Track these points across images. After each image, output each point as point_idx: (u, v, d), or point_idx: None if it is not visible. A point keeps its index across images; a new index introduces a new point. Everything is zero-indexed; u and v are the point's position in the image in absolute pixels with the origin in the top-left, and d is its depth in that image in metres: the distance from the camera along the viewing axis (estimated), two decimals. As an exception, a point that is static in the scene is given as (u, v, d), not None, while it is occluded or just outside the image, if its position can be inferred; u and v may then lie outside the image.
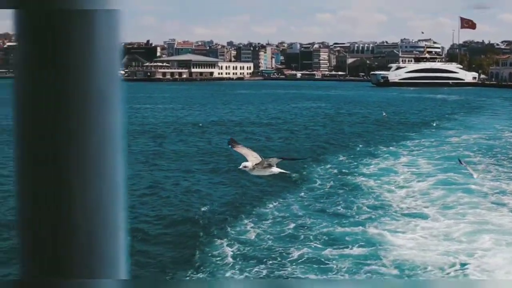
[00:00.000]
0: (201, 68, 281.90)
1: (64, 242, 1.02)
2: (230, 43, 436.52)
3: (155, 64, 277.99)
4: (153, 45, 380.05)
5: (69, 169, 1.01)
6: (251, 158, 12.13)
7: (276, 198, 27.51)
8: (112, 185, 1.06)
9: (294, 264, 19.10)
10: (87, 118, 1.00)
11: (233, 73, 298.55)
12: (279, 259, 19.48)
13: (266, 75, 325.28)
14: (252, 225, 23.20)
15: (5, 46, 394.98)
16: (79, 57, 0.98)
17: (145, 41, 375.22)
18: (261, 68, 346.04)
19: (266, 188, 29.30)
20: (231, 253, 19.89)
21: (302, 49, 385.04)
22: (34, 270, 1.04)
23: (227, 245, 20.59)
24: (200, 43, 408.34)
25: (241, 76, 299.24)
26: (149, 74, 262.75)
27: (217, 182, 31.51)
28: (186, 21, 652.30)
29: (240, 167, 12.01)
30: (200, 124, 60.91)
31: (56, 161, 1.00)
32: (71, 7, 0.95)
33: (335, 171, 34.95)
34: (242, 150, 12.64)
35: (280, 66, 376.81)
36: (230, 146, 13.56)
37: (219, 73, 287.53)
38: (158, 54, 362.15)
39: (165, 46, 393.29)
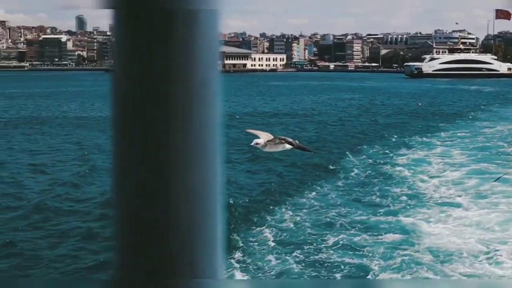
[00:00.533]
0: (234, 60, 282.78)
1: (164, 238, 0.97)
2: (263, 35, 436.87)
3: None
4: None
5: (170, 162, 0.95)
6: (264, 136, 12.02)
7: (313, 187, 28.14)
8: (212, 177, 1.02)
9: (329, 249, 19.72)
10: (188, 113, 0.96)
11: (266, 65, 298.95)
12: (315, 244, 20.13)
13: (299, 66, 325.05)
14: (290, 213, 23.88)
15: (40, 39, 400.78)
16: (180, 56, 0.95)
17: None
18: (294, 60, 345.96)
19: (303, 177, 29.98)
20: (271, 238, 20.61)
21: (335, 40, 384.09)
22: (133, 268, 1.00)
23: (266, 232, 21.30)
24: (233, 35, 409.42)
25: (274, 67, 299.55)
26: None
27: (255, 171, 32.23)
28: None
29: (252, 143, 11.85)
30: (237, 116, 61.59)
31: (156, 154, 0.96)
32: (173, 6, 0.92)
33: (370, 161, 35.49)
34: (255, 132, 12.50)
35: (313, 58, 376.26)
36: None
37: (252, 65, 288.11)
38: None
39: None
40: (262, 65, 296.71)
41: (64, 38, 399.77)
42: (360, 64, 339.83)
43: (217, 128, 1.02)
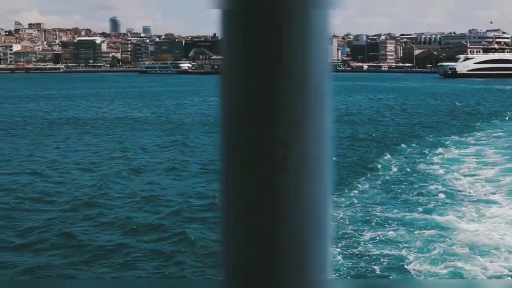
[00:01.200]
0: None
1: (272, 248, 0.93)
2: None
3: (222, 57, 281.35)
4: (219, 38, 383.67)
5: (280, 170, 0.91)
6: None
7: (352, 185, 28.80)
8: (324, 190, 0.97)
9: (366, 243, 20.40)
10: (301, 118, 0.90)
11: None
12: (354, 238, 20.83)
13: (333, 67, 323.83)
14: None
15: (75, 41, 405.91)
16: (293, 56, 0.89)
17: (212, 34, 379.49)
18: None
19: (341, 175, 30.67)
20: None
21: (368, 40, 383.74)
22: (238, 277, 0.96)
23: None
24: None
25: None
26: (216, 67, 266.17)
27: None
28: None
29: None
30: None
31: (267, 160, 0.92)
32: (286, 8, 0.87)
33: (407, 160, 36.05)
34: None
35: (346, 58, 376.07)
36: None
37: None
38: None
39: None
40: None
41: (98, 40, 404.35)
42: (393, 64, 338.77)
43: (329, 140, 0.84)
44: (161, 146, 41.65)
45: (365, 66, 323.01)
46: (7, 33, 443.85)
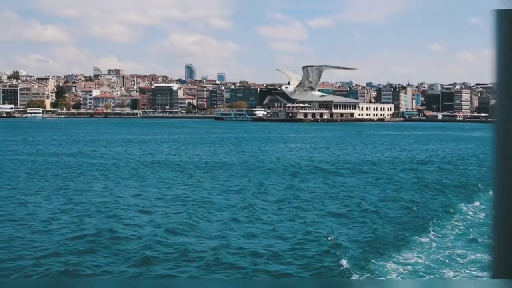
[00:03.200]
0: (342, 109, 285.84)
1: None
2: (370, 84, 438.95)
3: (296, 105, 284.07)
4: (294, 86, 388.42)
5: None
6: (294, 82, 11.68)
7: (431, 227, 30.47)
8: None
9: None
10: None
11: (374, 114, 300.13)
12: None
13: (407, 116, 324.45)
14: (409, 253, 26.09)
15: (152, 87, 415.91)
16: None
17: (286, 83, 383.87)
18: (401, 109, 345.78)
19: (420, 218, 32.47)
20: (395, 272, 23.05)
21: (443, 90, 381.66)
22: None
23: (392, 268, 23.73)
24: (339, 84, 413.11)
25: (382, 117, 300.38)
26: (290, 114, 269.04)
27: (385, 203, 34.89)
28: (325, 62, 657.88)
29: (282, 87, 11.68)
30: (353, 165, 64.15)
31: None
32: None
33: (484, 206, 37.31)
34: (288, 73, 11.62)
35: (420, 107, 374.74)
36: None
37: (359, 114, 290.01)
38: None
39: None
40: (369, 114, 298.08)
41: (175, 86, 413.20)
42: (469, 114, 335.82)
43: None
44: (277, 188, 44.02)
45: (440, 116, 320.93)
46: (87, 78, 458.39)
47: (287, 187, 44.92)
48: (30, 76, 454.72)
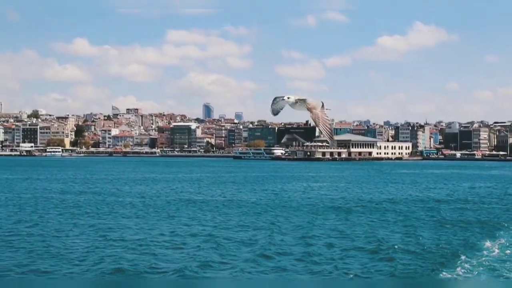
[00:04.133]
0: (360, 148, 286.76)
1: None
2: (387, 123, 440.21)
3: (315, 144, 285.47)
4: (311, 125, 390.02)
5: None
6: (294, 95, 11.98)
7: (455, 264, 31.12)
8: None
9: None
10: None
11: (392, 153, 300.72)
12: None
13: (425, 155, 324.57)
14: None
15: (171, 126, 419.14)
16: None
17: (304, 121, 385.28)
18: (419, 148, 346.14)
19: (446, 250, 33.18)
20: None
21: (461, 128, 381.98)
22: None
23: None
24: (357, 123, 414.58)
25: (400, 156, 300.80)
26: (309, 153, 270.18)
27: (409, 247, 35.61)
28: (342, 101, 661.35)
29: (284, 98, 11.94)
30: (375, 203, 64.83)
31: None
32: None
33: (508, 244, 37.87)
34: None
35: (438, 146, 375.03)
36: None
37: (377, 153, 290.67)
38: (317, 134, 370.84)
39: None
40: (387, 153, 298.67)
41: (193, 125, 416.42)
42: (487, 152, 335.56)
43: None
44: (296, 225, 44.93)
45: (458, 154, 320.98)
46: (106, 117, 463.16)
47: (312, 224, 45.77)
48: (50, 115, 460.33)
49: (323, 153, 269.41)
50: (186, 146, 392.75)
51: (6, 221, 46.83)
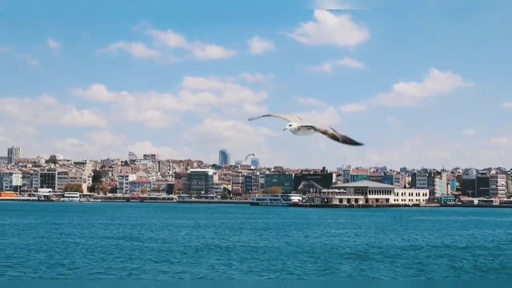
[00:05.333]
0: (377, 194, 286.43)
1: None
2: (404, 169, 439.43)
3: (332, 190, 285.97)
4: (327, 171, 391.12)
5: None
6: (296, 119, 11.68)
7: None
8: None
9: None
10: None
11: (409, 200, 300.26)
12: None
13: (443, 201, 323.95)
14: None
15: (188, 172, 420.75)
16: None
17: (321, 168, 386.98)
18: (436, 195, 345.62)
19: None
20: None
21: (478, 175, 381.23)
22: None
23: None
24: (374, 170, 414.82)
25: (417, 202, 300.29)
26: (326, 200, 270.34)
27: None
28: (359, 147, 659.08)
29: (286, 127, 11.55)
30: (398, 249, 65.61)
31: None
32: None
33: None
34: (282, 115, 12.13)
35: (455, 192, 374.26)
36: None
37: (395, 200, 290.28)
38: (334, 180, 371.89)
39: (340, 172, 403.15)
40: (405, 199, 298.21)
41: (210, 171, 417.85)
42: (505, 199, 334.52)
43: None
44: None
45: (476, 201, 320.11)
46: (123, 163, 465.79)
47: (340, 271, 46.84)
48: (68, 160, 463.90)
49: (340, 200, 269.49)
50: (203, 192, 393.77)
51: (40, 265, 48.29)
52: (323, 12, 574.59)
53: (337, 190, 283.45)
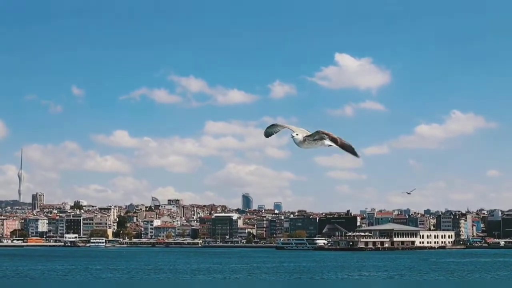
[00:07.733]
0: (403, 237, 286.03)
1: None
2: (427, 211, 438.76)
3: (357, 233, 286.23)
4: (352, 214, 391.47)
5: None
6: (302, 131, 12.02)
7: None
8: None
9: None
10: None
11: (434, 242, 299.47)
12: None
13: (468, 243, 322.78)
14: None
15: (212, 217, 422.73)
16: None
17: (345, 211, 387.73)
18: (462, 236, 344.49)
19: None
20: None
21: (503, 216, 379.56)
22: None
23: None
24: (397, 212, 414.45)
25: (443, 244, 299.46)
26: (351, 243, 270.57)
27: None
28: (382, 190, 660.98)
29: (293, 135, 11.84)
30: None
31: None
32: None
33: None
34: (288, 126, 12.53)
35: (481, 234, 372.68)
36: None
37: (420, 242, 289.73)
38: (358, 223, 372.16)
39: (364, 215, 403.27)
40: (430, 242, 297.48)
41: (235, 216, 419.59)
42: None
43: None
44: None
45: (502, 242, 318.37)
46: (147, 208, 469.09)
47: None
48: (92, 206, 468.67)
49: (366, 243, 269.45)
50: (227, 236, 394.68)
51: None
52: (344, 55, 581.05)
53: (362, 234, 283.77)
